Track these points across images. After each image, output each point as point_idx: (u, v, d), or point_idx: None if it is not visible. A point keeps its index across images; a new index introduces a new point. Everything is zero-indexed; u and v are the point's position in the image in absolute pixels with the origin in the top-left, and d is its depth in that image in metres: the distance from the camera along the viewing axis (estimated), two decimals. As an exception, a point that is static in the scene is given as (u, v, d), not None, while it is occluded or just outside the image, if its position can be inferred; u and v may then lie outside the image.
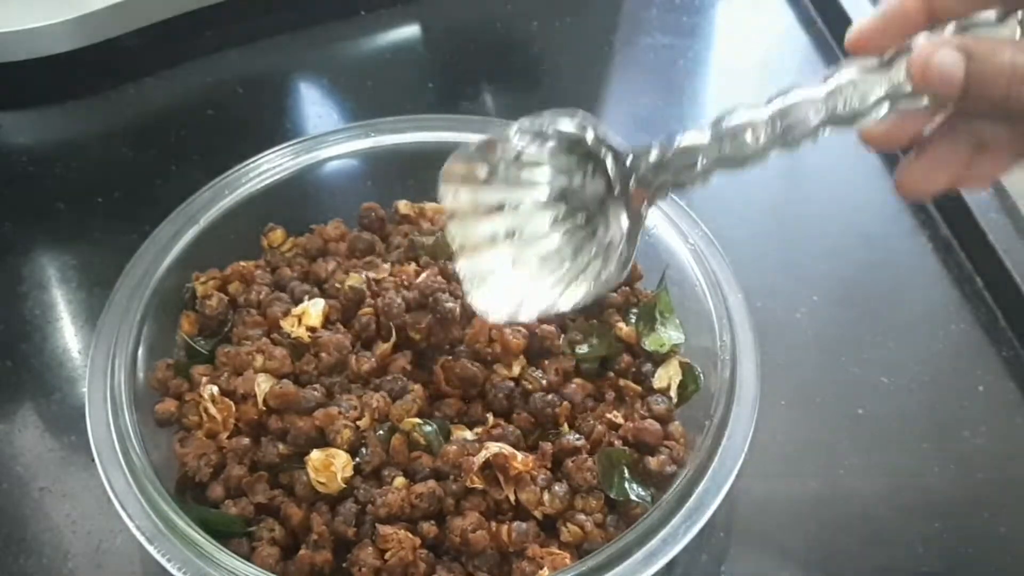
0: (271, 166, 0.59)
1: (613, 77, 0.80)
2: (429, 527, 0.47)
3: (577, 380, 0.53)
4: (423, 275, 0.53)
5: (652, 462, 0.50)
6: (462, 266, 0.45)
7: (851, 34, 0.39)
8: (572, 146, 0.44)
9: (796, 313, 0.64)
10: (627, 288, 0.57)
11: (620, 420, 0.51)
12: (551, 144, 0.44)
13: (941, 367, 0.62)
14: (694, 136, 0.41)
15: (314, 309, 0.54)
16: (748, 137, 0.40)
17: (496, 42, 0.82)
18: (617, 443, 0.50)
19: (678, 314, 0.56)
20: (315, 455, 0.48)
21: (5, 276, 0.66)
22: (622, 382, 0.53)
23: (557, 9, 0.82)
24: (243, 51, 0.79)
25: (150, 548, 0.44)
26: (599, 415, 0.52)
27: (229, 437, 0.50)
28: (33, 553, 0.54)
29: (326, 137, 0.60)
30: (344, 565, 0.47)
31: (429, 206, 0.61)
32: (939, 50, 0.36)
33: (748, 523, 0.55)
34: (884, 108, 0.39)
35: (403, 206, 0.61)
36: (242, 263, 0.58)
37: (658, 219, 0.57)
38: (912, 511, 0.56)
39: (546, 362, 0.53)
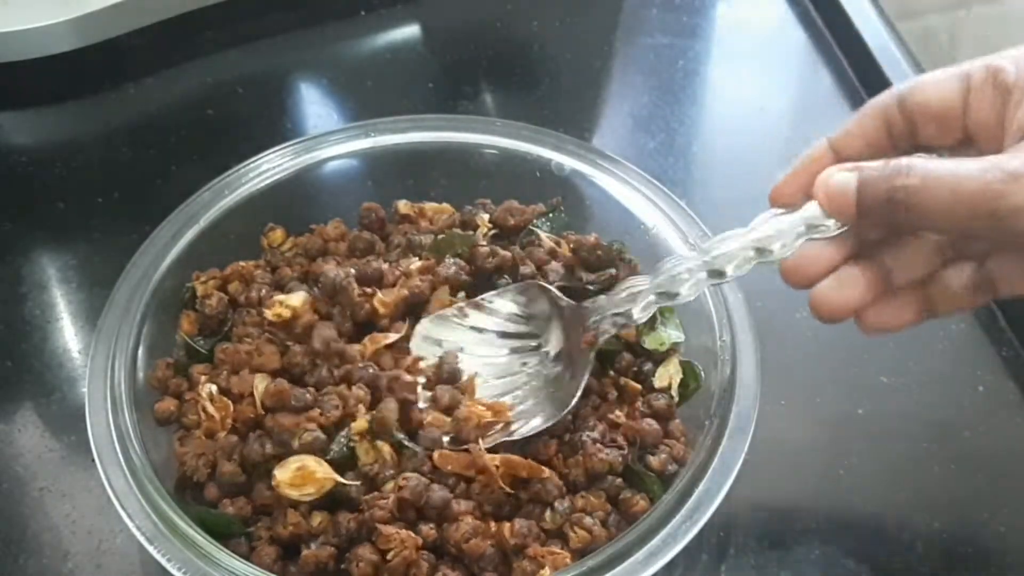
0: (271, 166, 0.59)
1: (613, 77, 0.80)
2: (428, 530, 0.47)
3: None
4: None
5: (653, 461, 0.50)
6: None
7: (773, 190, 0.46)
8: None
9: (796, 313, 0.64)
10: (627, 288, 0.57)
11: (622, 419, 0.51)
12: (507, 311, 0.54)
13: (941, 367, 0.62)
14: (639, 283, 0.50)
15: (296, 299, 0.54)
16: (683, 287, 0.48)
17: (496, 42, 0.82)
18: (620, 439, 0.50)
19: (678, 313, 0.56)
20: (281, 475, 0.48)
21: (5, 276, 0.66)
22: (623, 381, 0.54)
23: (557, 9, 0.82)
24: (243, 51, 0.79)
25: (150, 548, 0.44)
26: (601, 415, 0.52)
27: (226, 436, 0.50)
28: (33, 553, 0.54)
29: (326, 137, 0.60)
30: (343, 567, 0.47)
31: (429, 206, 0.61)
32: (834, 174, 0.43)
33: (748, 523, 0.55)
34: (801, 240, 0.45)
35: (403, 206, 0.61)
36: (242, 263, 0.58)
37: (658, 219, 0.57)
38: (912, 511, 0.56)
39: (546, 362, 0.53)
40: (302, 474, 0.48)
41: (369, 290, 0.53)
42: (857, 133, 0.45)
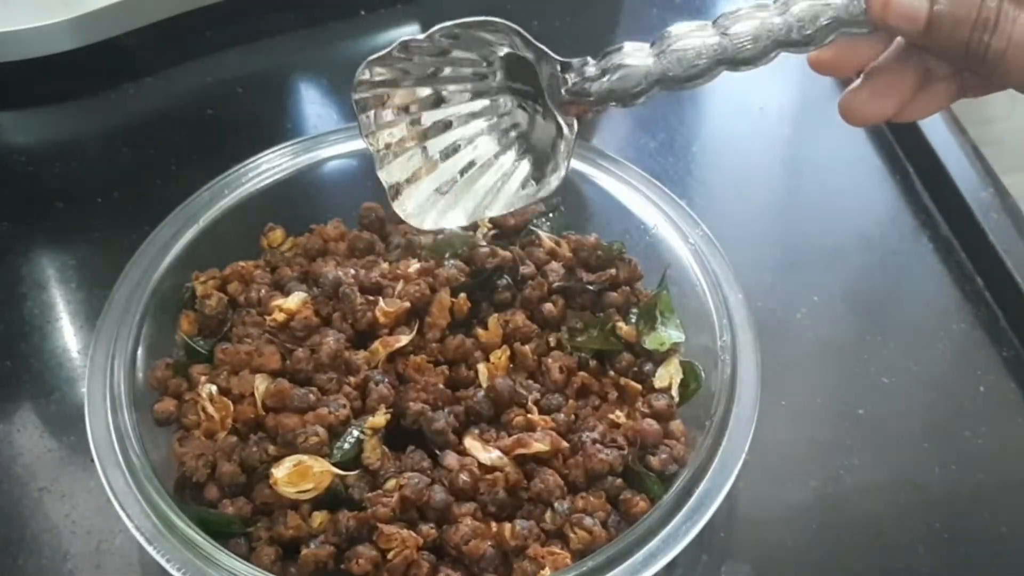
0: (271, 166, 0.59)
1: (613, 77, 0.80)
2: (428, 530, 0.47)
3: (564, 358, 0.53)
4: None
5: (653, 461, 0.50)
6: (383, 175, 0.43)
7: None
8: (500, 57, 0.42)
9: (796, 313, 0.64)
10: (627, 288, 0.57)
11: (622, 419, 0.51)
12: (475, 50, 0.42)
13: (941, 367, 0.62)
14: (638, 56, 0.39)
15: (293, 300, 0.54)
16: (695, 59, 0.39)
17: (496, 42, 0.82)
18: (620, 439, 0.50)
19: (678, 314, 0.56)
20: (278, 472, 0.48)
21: (5, 276, 0.66)
22: (623, 381, 0.54)
23: (557, 9, 0.82)
24: (243, 51, 0.79)
25: (149, 548, 0.44)
26: (601, 415, 0.52)
27: (226, 436, 0.50)
28: (32, 553, 0.54)
29: (326, 137, 0.60)
30: (342, 566, 0.47)
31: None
32: None
33: (748, 523, 0.55)
34: (836, 34, 0.38)
35: (403, 206, 0.61)
36: (242, 263, 0.58)
37: (658, 219, 0.57)
38: (912, 511, 0.56)
39: (549, 360, 0.53)
40: (299, 470, 0.48)
41: (372, 298, 0.53)
42: None
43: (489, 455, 0.49)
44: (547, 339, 0.55)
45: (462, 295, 0.54)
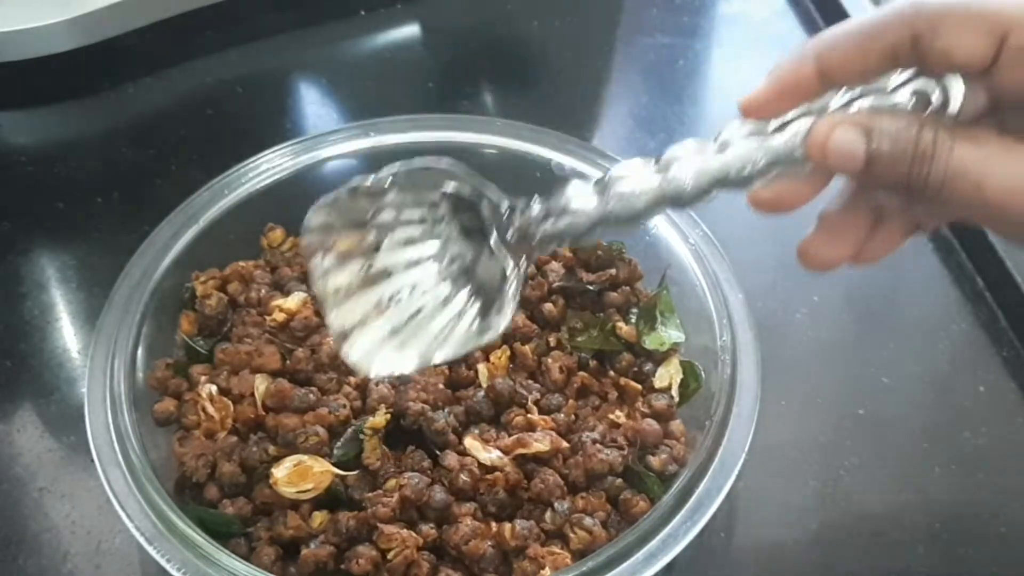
0: (271, 166, 0.59)
1: (613, 77, 0.80)
2: (428, 530, 0.47)
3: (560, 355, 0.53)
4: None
5: (653, 461, 0.50)
6: (332, 319, 0.43)
7: (745, 99, 0.38)
8: (446, 197, 0.43)
9: (796, 313, 0.64)
10: (627, 288, 0.57)
11: (622, 419, 0.51)
12: (422, 192, 0.43)
13: (941, 367, 0.62)
14: (581, 198, 0.40)
15: (293, 300, 0.54)
16: (635, 200, 0.39)
17: (496, 42, 0.82)
18: (620, 439, 0.50)
19: (678, 313, 0.56)
20: (278, 472, 0.48)
21: (5, 276, 0.66)
22: (623, 381, 0.54)
23: (557, 9, 0.82)
24: (243, 51, 0.79)
25: (149, 548, 0.44)
26: (601, 415, 0.52)
27: (226, 436, 0.50)
28: (32, 553, 0.54)
29: (326, 137, 0.60)
30: (342, 566, 0.47)
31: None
32: (836, 129, 0.36)
33: (748, 523, 0.55)
34: (774, 173, 0.38)
35: (403, 206, 0.61)
36: (241, 263, 0.58)
37: (658, 219, 0.57)
38: (912, 511, 0.56)
39: (549, 360, 0.53)
40: (299, 470, 0.48)
41: None
42: (857, 61, 0.36)
43: (489, 455, 0.49)
44: (547, 339, 0.55)
45: None
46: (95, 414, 0.48)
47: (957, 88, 0.37)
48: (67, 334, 0.63)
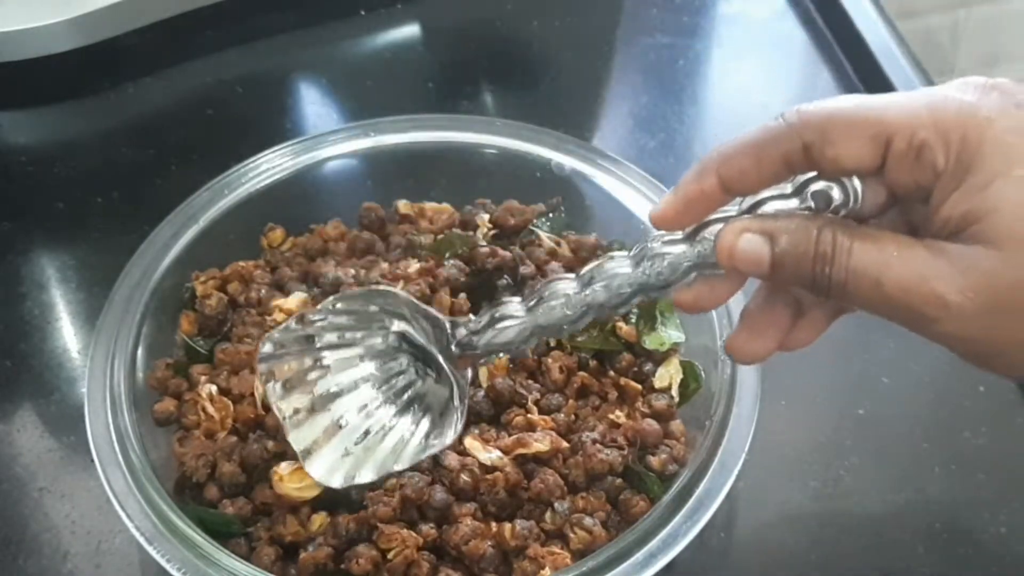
0: (271, 166, 0.59)
1: (613, 77, 0.80)
2: (428, 530, 0.47)
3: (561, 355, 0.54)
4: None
5: (653, 461, 0.50)
6: (292, 439, 0.46)
7: (654, 211, 0.40)
8: (387, 318, 0.46)
9: (796, 313, 0.64)
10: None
11: (622, 419, 0.51)
12: (363, 314, 0.46)
13: (941, 367, 0.62)
14: (514, 311, 0.43)
15: (293, 301, 0.54)
16: (563, 310, 0.42)
17: (496, 42, 0.82)
18: (620, 439, 0.50)
19: (678, 313, 0.56)
20: (284, 470, 0.48)
21: (5, 276, 0.66)
22: (623, 381, 0.54)
23: (557, 9, 0.82)
24: (243, 51, 0.79)
25: (149, 548, 0.44)
26: (601, 415, 0.52)
27: (226, 436, 0.50)
28: (32, 553, 0.54)
29: (326, 137, 0.60)
30: (342, 566, 0.47)
31: (429, 206, 0.61)
32: (742, 237, 0.38)
33: (748, 523, 0.55)
34: (692, 276, 0.40)
35: (403, 206, 0.61)
36: (241, 263, 0.58)
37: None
38: (912, 511, 0.56)
39: (549, 360, 0.53)
40: (303, 471, 0.48)
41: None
42: (753, 172, 0.38)
43: (489, 455, 0.49)
44: (547, 339, 0.55)
45: (462, 295, 0.54)
46: (95, 414, 0.48)
47: (854, 187, 0.38)
48: (67, 334, 0.63)
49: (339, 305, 0.45)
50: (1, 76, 0.73)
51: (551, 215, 0.60)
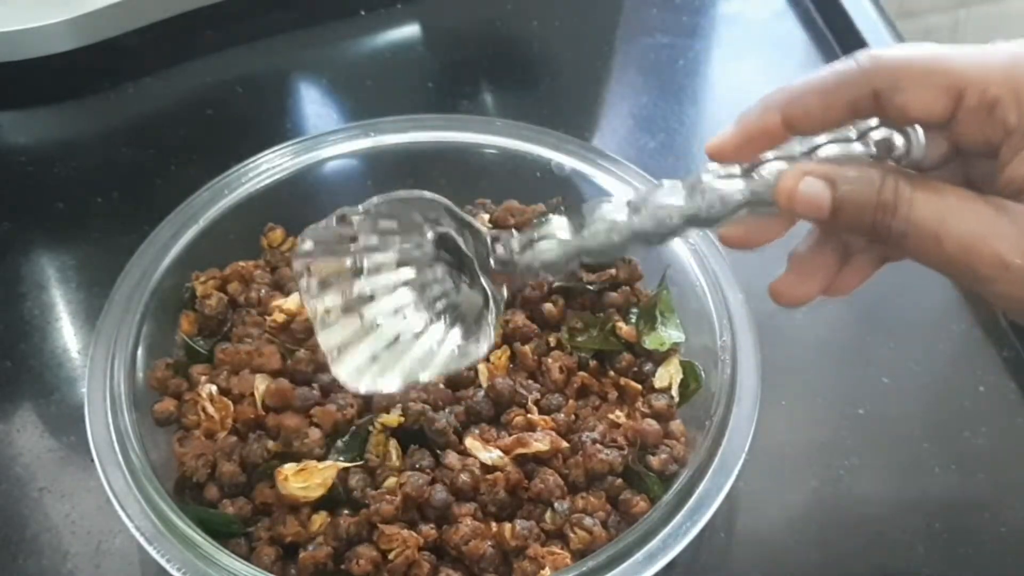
0: (271, 166, 0.59)
1: (613, 77, 0.80)
2: (428, 530, 0.47)
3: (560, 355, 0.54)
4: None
5: (653, 461, 0.50)
6: (321, 339, 0.45)
7: (712, 143, 0.39)
8: (429, 225, 0.45)
9: (796, 313, 0.64)
10: (627, 288, 0.57)
11: (622, 419, 0.51)
12: (405, 220, 0.45)
13: (941, 367, 0.62)
14: (559, 231, 0.41)
15: (293, 301, 0.54)
16: (609, 234, 0.40)
17: (496, 42, 0.82)
18: (620, 439, 0.50)
19: (678, 314, 0.56)
20: (288, 467, 0.48)
21: (5, 276, 0.66)
22: (623, 381, 0.54)
23: (557, 9, 0.82)
24: (243, 51, 0.79)
25: (149, 548, 0.44)
26: (601, 415, 0.52)
27: (226, 436, 0.50)
28: (32, 553, 0.54)
29: (326, 137, 0.60)
30: (342, 567, 0.47)
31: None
32: (803, 180, 0.37)
33: (748, 523, 0.55)
34: (743, 212, 0.39)
35: (403, 206, 0.61)
36: (242, 263, 0.58)
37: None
38: (912, 511, 0.56)
39: (549, 360, 0.53)
40: (306, 472, 0.48)
41: None
42: (820, 114, 0.38)
43: (490, 455, 0.49)
44: (547, 339, 0.55)
45: None
46: (95, 414, 0.48)
47: (918, 137, 0.38)
48: (67, 334, 0.63)
49: (382, 207, 0.44)
50: (1, 76, 0.73)
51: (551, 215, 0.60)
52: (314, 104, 0.78)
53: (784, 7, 0.84)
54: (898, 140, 0.38)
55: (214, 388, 0.51)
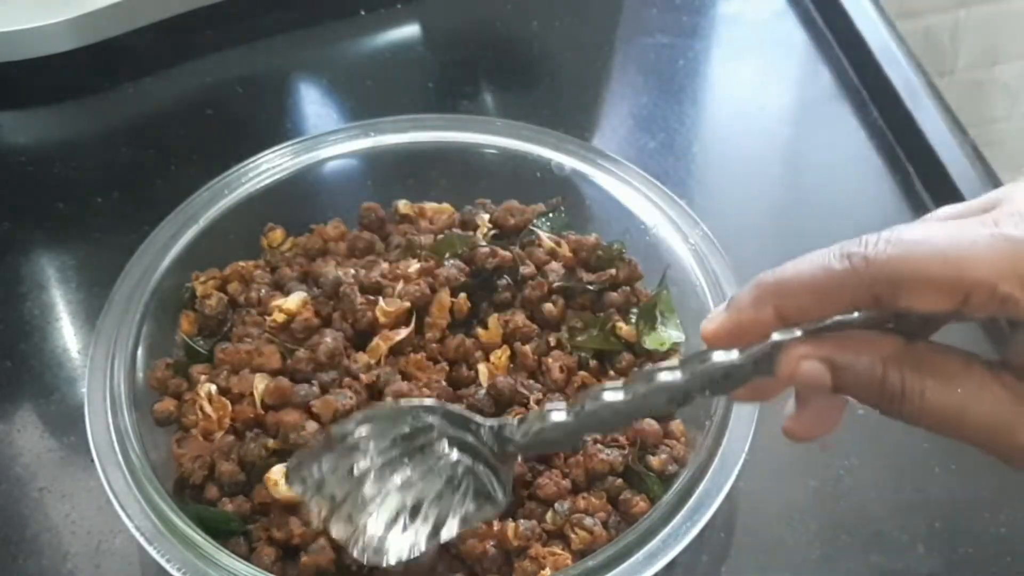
0: (271, 166, 0.59)
1: (613, 77, 0.80)
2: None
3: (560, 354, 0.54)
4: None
5: (654, 461, 0.50)
6: (336, 530, 0.43)
7: (707, 329, 0.38)
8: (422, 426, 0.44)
9: (796, 313, 0.64)
10: (627, 288, 0.57)
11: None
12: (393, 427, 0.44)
13: (941, 367, 0.62)
14: (557, 416, 0.41)
15: (293, 301, 0.54)
16: (609, 416, 0.40)
17: (496, 42, 0.82)
18: (620, 440, 0.50)
19: (678, 314, 0.56)
20: (276, 475, 0.48)
21: (5, 276, 0.66)
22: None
23: (557, 9, 0.82)
24: (243, 51, 0.79)
25: (149, 548, 0.44)
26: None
27: (224, 436, 0.50)
28: (33, 553, 0.54)
29: (326, 137, 0.60)
30: (348, 564, 0.47)
31: (429, 206, 0.61)
32: (802, 364, 0.36)
33: (748, 523, 0.55)
34: (754, 379, 0.38)
35: (403, 206, 0.61)
36: (242, 263, 0.58)
37: (658, 219, 0.57)
38: (912, 511, 0.56)
39: (549, 360, 0.53)
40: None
41: (372, 298, 0.53)
42: (813, 313, 0.37)
43: None
44: (547, 339, 0.55)
45: (462, 295, 0.54)
46: (95, 414, 0.48)
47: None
48: (67, 334, 0.63)
49: (364, 430, 0.44)
50: (1, 76, 0.73)
51: (551, 215, 0.60)
52: (314, 104, 0.78)
53: (784, 7, 0.84)
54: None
55: (213, 388, 0.51)
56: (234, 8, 0.78)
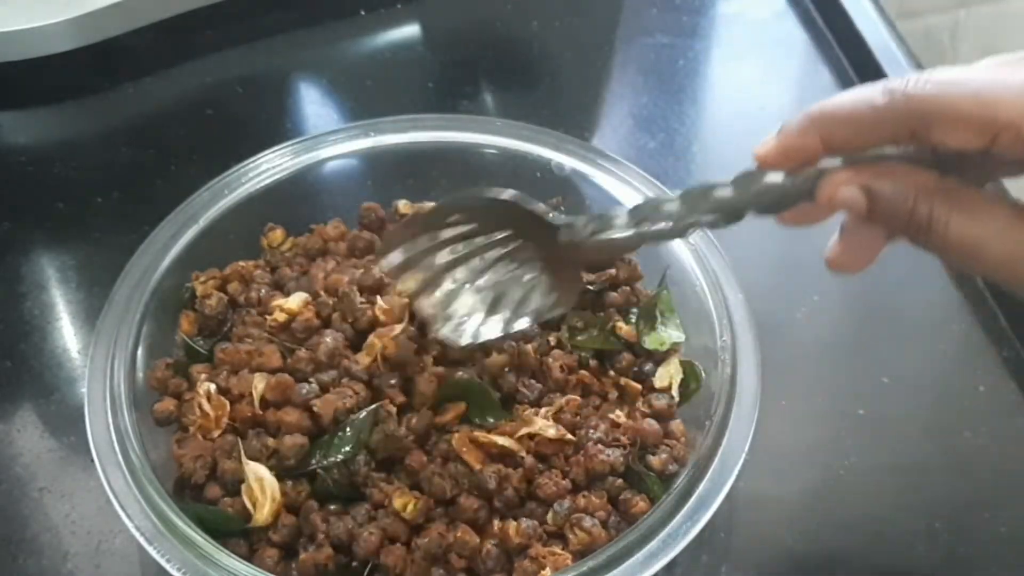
0: (271, 166, 0.59)
1: (613, 77, 0.80)
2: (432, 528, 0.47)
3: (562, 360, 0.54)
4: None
5: (654, 461, 0.50)
6: (420, 305, 0.48)
7: (759, 151, 0.41)
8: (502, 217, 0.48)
9: (796, 313, 0.64)
10: (627, 288, 0.57)
11: (622, 419, 0.51)
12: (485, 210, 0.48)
13: (941, 367, 0.62)
14: (619, 218, 0.45)
15: (294, 300, 0.54)
16: (665, 230, 0.43)
17: (496, 42, 0.82)
18: (620, 440, 0.50)
19: (678, 314, 0.56)
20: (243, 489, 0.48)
21: (5, 276, 0.66)
22: (623, 381, 0.54)
23: (557, 9, 0.82)
24: (243, 51, 0.79)
25: (149, 548, 0.44)
26: (602, 414, 0.52)
27: (221, 435, 0.50)
28: (33, 553, 0.54)
29: (326, 137, 0.60)
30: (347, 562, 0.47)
31: (429, 206, 0.61)
32: (841, 187, 0.39)
33: (748, 523, 0.55)
34: (796, 203, 0.42)
35: (403, 206, 0.61)
36: (242, 263, 0.58)
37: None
38: (912, 511, 0.56)
39: (550, 359, 0.53)
40: (259, 486, 0.48)
41: (371, 298, 0.53)
42: (856, 144, 0.39)
43: (503, 439, 0.49)
44: (547, 338, 0.55)
45: None
46: (95, 414, 0.48)
47: None
48: (67, 334, 0.63)
49: (454, 218, 0.48)
50: (1, 76, 0.73)
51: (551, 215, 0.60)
52: (314, 104, 0.78)
53: (784, 7, 0.84)
54: None
55: (212, 386, 0.51)
56: (234, 8, 0.78)
